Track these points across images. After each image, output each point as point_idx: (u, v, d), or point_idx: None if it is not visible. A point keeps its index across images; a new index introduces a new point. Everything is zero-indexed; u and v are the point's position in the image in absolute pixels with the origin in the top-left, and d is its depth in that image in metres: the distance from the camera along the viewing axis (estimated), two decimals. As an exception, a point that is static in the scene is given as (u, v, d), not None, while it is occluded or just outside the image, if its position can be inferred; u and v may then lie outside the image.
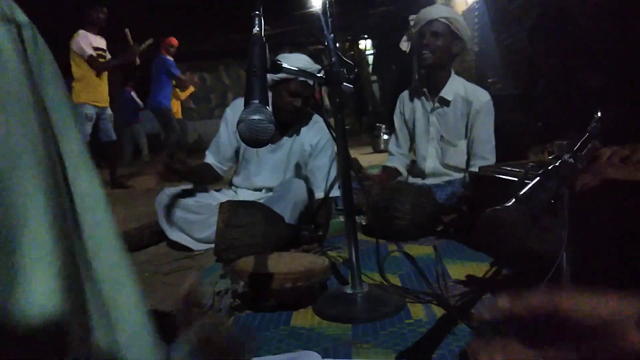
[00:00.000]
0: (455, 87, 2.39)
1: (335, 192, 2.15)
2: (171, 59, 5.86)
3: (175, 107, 7.06)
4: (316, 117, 2.27)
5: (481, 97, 2.35)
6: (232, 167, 2.36)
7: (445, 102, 2.39)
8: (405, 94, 2.59)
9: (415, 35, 2.39)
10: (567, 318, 0.57)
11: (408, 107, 2.54)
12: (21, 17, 0.47)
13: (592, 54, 2.39)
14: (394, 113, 2.61)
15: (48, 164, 0.45)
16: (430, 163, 2.46)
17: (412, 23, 2.43)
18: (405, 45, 2.51)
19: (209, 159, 2.28)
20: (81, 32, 4.41)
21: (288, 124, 2.21)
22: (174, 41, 5.86)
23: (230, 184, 2.39)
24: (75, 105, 0.50)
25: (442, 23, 2.27)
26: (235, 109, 2.24)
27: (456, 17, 2.32)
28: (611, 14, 2.23)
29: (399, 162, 2.57)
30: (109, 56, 4.64)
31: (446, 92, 2.38)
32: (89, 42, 4.40)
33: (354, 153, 4.77)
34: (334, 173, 2.17)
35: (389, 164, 2.60)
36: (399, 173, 2.55)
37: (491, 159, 2.31)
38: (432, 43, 2.28)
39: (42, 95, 0.47)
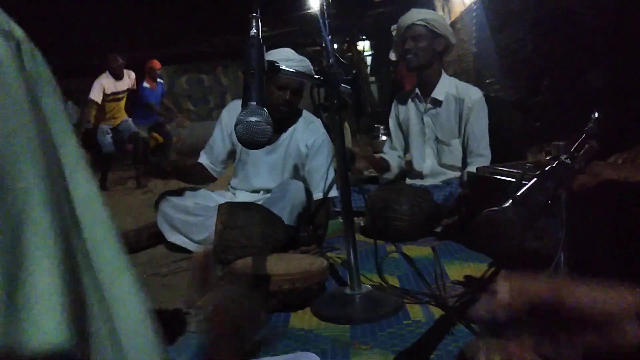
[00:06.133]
0: (446, 86, 2.43)
1: (334, 193, 2.15)
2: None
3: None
4: (311, 117, 2.25)
5: (472, 94, 2.38)
6: (224, 168, 2.35)
7: (437, 103, 2.43)
8: (399, 96, 2.63)
9: (398, 43, 2.46)
10: (567, 310, 0.56)
11: (402, 109, 2.58)
12: (19, 32, 0.50)
13: (594, 53, 2.40)
14: (390, 116, 2.64)
15: (47, 168, 0.47)
16: (428, 164, 2.49)
17: (394, 33, 2.51)
18: (393, 56, 2.61)
19: (203, 159, 2.28)
20: (99, 79, 4.83)
21: (281, 120, 2.19)
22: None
23: (229, 186, 2.39)
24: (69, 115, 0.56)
25: (420, 26, 2.34)
26: (231, 111, 2.23)
27: (432, 17, 2.40)
28: (613, 13, 2.24)
29: (390, 158, 2.60)
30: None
31: (437, 93, 2.42)
32: (101, 88, 4.82)
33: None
34: (332, 173, 2.17)
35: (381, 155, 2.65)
36: (388, 165, 2.57)
37: (487, 155, 2.34)
38: (413, 47, 2.36)
39: (40, 105, 0.49)
